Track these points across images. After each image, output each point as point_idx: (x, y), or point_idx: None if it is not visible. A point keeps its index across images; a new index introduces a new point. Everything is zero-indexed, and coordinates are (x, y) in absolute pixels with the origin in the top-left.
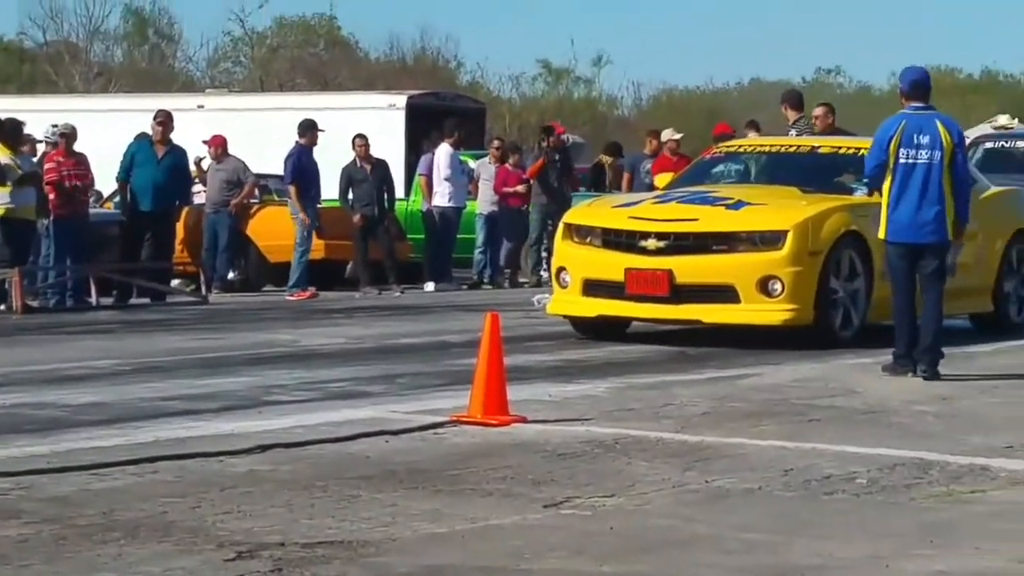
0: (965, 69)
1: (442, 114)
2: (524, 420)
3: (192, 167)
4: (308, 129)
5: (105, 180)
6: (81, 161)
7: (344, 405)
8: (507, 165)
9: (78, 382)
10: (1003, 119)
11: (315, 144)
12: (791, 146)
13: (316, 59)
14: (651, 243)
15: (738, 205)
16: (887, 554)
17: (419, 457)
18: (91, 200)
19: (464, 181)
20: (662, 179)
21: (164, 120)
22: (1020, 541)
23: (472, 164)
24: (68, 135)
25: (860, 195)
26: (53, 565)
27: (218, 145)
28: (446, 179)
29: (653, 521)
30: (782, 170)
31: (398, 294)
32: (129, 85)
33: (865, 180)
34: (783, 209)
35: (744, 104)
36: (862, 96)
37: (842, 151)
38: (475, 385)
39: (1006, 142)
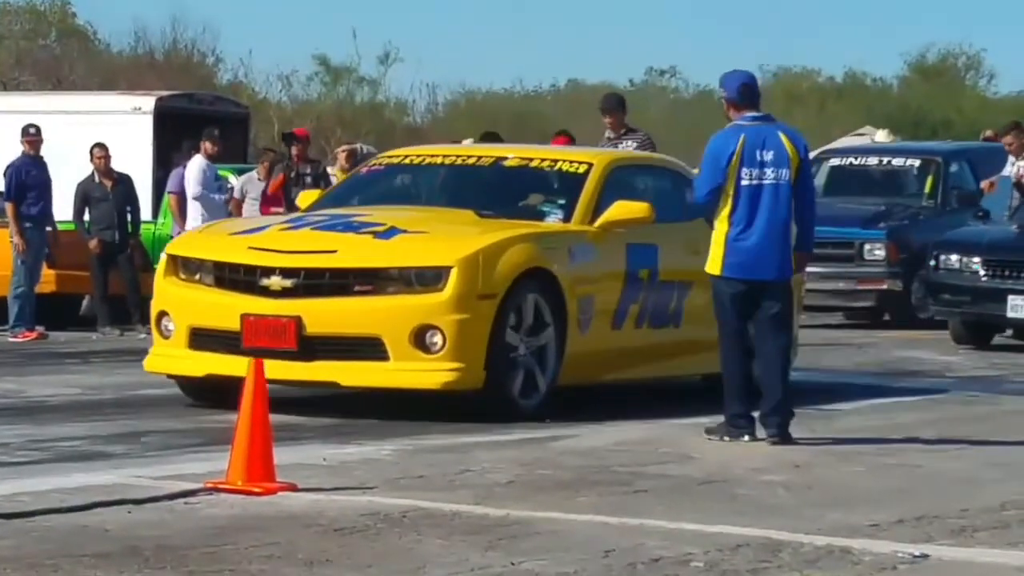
0: (825, 70)
1: (198, 120)
2: (293, 488)
3: None
4: (25, 132)
5: None
6: None
7: (78, 468)
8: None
9: None
10: (881, 135)
11: (38, 150)
12: (469, 157)
13: (46, 52)
14: (275, 282)
15: (390, 233)
16: None
17: (168, 531)
18: None
19: (221, 201)
20: (305, 198)
21: None
22: None
23: (233, 180)
24: None
25: (553, 221)
26: None
27: None
28: (196, 198)
29: None
30: (458, 188)
31: (143, 336)
32: None
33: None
34: (447, 239)
35: (560, 110)
36: (702, 101)
37: (534, 164)
38: (235, 446)
39: (855, 158)
